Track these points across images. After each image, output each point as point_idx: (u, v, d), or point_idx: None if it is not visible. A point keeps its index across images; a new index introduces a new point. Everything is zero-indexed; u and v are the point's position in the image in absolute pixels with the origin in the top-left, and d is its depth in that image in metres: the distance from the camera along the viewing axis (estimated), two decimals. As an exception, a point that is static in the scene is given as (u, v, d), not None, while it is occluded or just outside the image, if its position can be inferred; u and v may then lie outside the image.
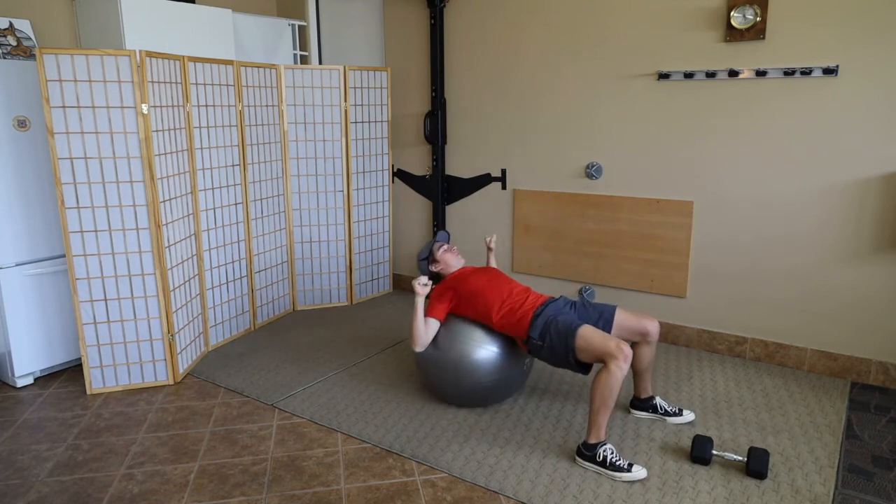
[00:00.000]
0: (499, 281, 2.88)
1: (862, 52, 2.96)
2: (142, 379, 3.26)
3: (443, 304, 2.89)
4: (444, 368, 2.83)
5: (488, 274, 2.94)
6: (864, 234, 3.08)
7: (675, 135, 3.50)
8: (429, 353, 2.88)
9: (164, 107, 3.17)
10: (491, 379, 2.81)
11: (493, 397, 2.91)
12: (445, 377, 2.85)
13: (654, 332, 2.68)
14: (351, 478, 2.44)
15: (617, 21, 3.58)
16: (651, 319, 2.70)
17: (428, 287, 2.81)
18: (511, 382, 2.90)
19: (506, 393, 2.95)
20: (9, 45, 3.36)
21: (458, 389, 2.86)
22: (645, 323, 2.68)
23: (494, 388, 2.85)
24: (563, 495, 2.29)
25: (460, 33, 4.21)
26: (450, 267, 3.04)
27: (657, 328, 2.69)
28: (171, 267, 3.23)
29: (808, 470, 2.43)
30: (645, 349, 2.73)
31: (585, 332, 2.51)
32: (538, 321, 2.63)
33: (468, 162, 4.37)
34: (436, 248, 3.07)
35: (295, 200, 4.26)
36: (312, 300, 4.45)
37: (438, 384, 2.92)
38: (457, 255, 3.08)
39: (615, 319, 2.69)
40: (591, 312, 2.72)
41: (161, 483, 2.43)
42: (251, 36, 4.38)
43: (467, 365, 2.78)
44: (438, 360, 2.85)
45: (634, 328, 2.69)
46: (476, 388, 2.82)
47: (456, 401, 2.95)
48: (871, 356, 3.16)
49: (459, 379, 2.81)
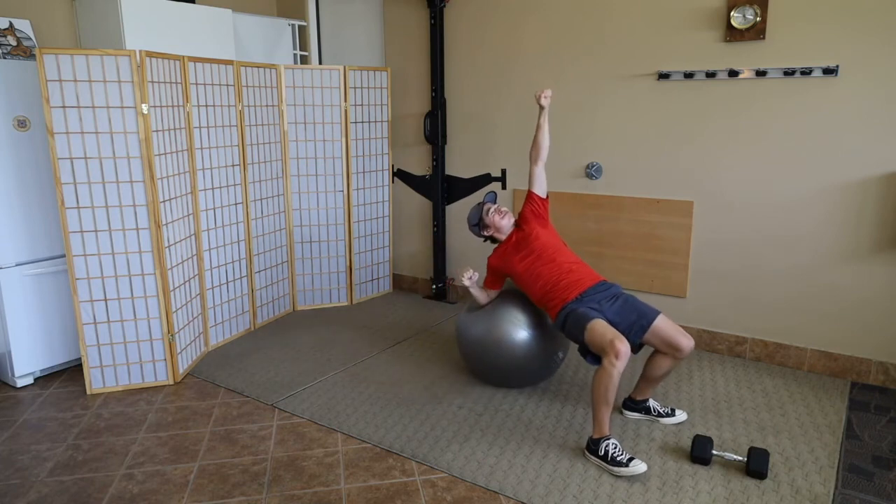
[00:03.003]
0: (544, 258, 2.87)
1: (862, 52, 2.96)
2: (142, 379, 3.26)
3: (496, 279, 3.09)
4: (486, 348, 3.02)
5: (538, 249, 2.90)
6: (864, 234, 3.08)
7: (676, 135, 3.50)
8: (473, 333, 3.07)
9: (164, 107, 3.17)
10: (527, 358, 2.98)
11: (526, 378, 3.10)
12: (485, 357, 3.04)
13: (685, 350, 2.58)
14: (351, 478, 2.44)
15: (617, 21, 3.58)
16: (687, 337, 2.58)
17: (475, 279, 3.03)
18: (542, 370, 3.08)
19: (537, 377, 3.13)
20: (9, 45, 3.36)
21: (495, 369, 3.05)
22: (680, 339, 2.57)
23: (527, 369, 3.02)
24: (563, 495, 2.29)
25: (460, 33, 4.21)
26: (501, 230, 3.05)
27: (691, 347, 2.58)
28: (171, 267, 3.23)
29: (808, 470, 2.43)
30: (669, 362, 2.66)
31: (593, 325, 2.55)
32: (560, 315, 2.74)
33: (468, 162, 4.37)
34: (485, 211, 3.06)
35: (295, 200, 4.26)
36: (312, 300, 4.45)
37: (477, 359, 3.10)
38: (505, 215, 3.05)
39: (653, 325, 2.60)
40: (630, 312, 2.65)
41: (161, 483, 2.43)
42: (251, 36, 4.38)
43: (507, 344, 2.96)
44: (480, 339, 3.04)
45: (668, 340, 2.59)
46: (511, 366, 3.00)
47: (489, 378, 3.15)
48: (871, 356, 3.16)
49: (498, 358, 2.99)
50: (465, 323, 3.12)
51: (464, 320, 3.14)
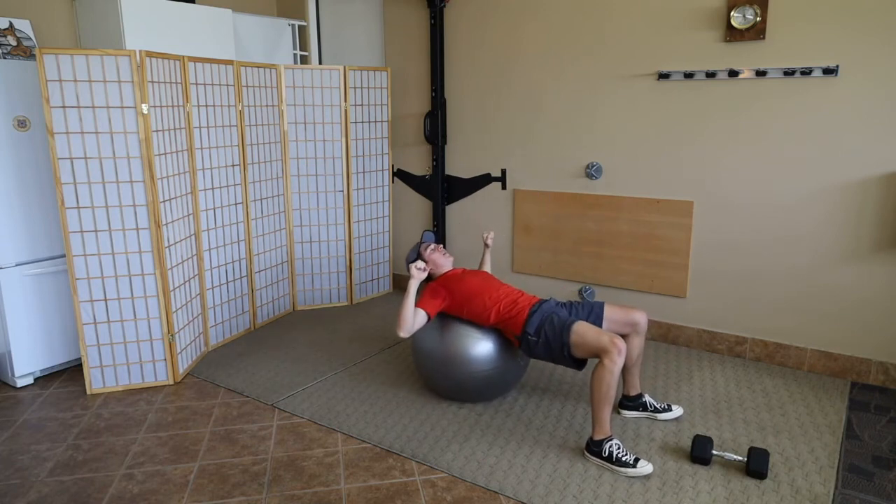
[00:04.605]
0: (492, 283, 2.91)
1: (862, 52, 2.96)
2: (142, 379, 3.26)
3: (436, 301, 2.90)
4: (441, 363, 2.87)
5: (480, 276, 2.98)
6: (864, 234, 3.08)
7: (676, 135, 3.50)
8: (426, 348, 2.92)
9: (164, 107, 3.17)
10: (486, 372, 2.83)
11: (489, 391, 2.93)
12: (443, 371, 2.88)
13: (642, 323, 2.74)
14: (351, 478, 2.44)
15: (617, 21, 3.58)
16: (639, 310, 2.75)
17: (425, 273, 2.86)
18: (507, 377, 2.92)
19: (503, 388, 2.96)
20: (9, 45, 3.36)
21: (454, 383, 2.89)
22: (633, 314, 2.74)
23: (490, 381, 2.87)
24: (563, 495, 2.29)
25: (460, 33, 4.21)
26: (439, 267, 3.05)
27: (645, 318, 2.75)
28: (171, 267, 3.23)
29: (808, 470, 2.43)
30: (635, 340, 2.77)
31: (580, 327, 2.55)
32: (534, 317, 2.68)
33: (468, 162, 4.37)
34: (423, 248, 3.08)
35: (295, 200, 4.26)
36: (312, 300, 4.45)
37: (436, 379, 2.95)
38: (444, 255, 3.08)
39: (605, 314, 2.75)
40: (581, 310, 2.78)
41: (161, 483, 2.43)
42: (251, 36, 4.38)
43: (463, 359, 2.82)
44: (435, 354, 2.89)
45: (624, 320, 2.74)
46: (471, 381, 2.85)
47: (453, 395, 2.98)
48: (871, 356, 3.16)
49: (455, 373, 2.85)
50: (421, 352, 2.98)
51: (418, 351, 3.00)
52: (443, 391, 3.01)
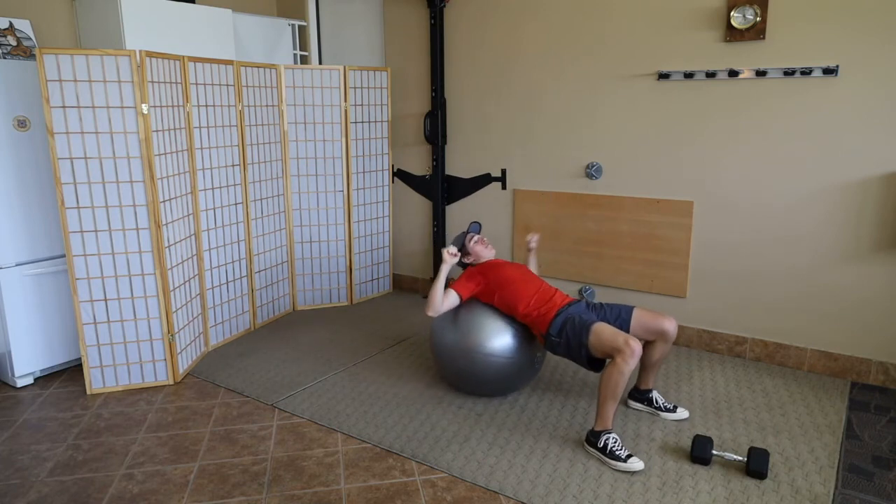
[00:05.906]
0: (530, 276, 2.95)
1: (862, 52, 2.96)
2: (142, 379, 3.26)
3: (470, 284, 2.96)
4: (460, 347, 2.92)
5: (521, 269, 3.00)
6: (864, 234, 3.08)
7: (675, 135, 3.50)
8: (447, 331, 2.97)
9: (164, 107, 3.17)
10: (504, 361, 2.88)
11: (500, 385, 2.97)
12: (461, 355, 2.92)
13: (671, 331, 2.72)
14: (351, 478, 2.44)
15: (617, 21, 3.58)
16: (669, 319, 2.73)
17: (456, 257, 2.93)
18: (521, 374, 2.96)
19: (512, 384, 3.00)
20: (9, 45, 3.36)
21: (470, 370, 2.93)
22: (662, 322, 2.72)
23: (505, 372, 2.91)
24: (563, 495, 2.29)
25: (460, 33, 4.21)
26: (480, 258, 3.11)
27: (675, 327, 2.73)
28: (171, 267, 3.23)
29: (808, 470, 2.43)
30: (660, 346, 2.77)
31: (598, 328, 2.59)
32: (559, 318, 2.72)
33: (468, 162, 4.37)
34: (467, 239, 3.12)
35: (295, 200, 4.26)
36: (312, 300, 4.45)
37: (453, 363, 2.98)
38: (487, 246, 3.13)
39: (633, 318, 2.74)
40: (610, 313, 2.78)
41: (161, 483, 2.43)
42: (251, 36, 4.38)
43: (484, 344, 2.86)
44: (455, 338, 2.94)
45: (652, 327, 2.73)
46: (489, 370, 2.89)
47: (463, 385, 3.03)
48: (871, 356, 3.16)
49: (474, 358, 2.88)
50: (440, 342, 3.03)
51: (436, 326, 3.06)
52: (454, 379, 3.05)
